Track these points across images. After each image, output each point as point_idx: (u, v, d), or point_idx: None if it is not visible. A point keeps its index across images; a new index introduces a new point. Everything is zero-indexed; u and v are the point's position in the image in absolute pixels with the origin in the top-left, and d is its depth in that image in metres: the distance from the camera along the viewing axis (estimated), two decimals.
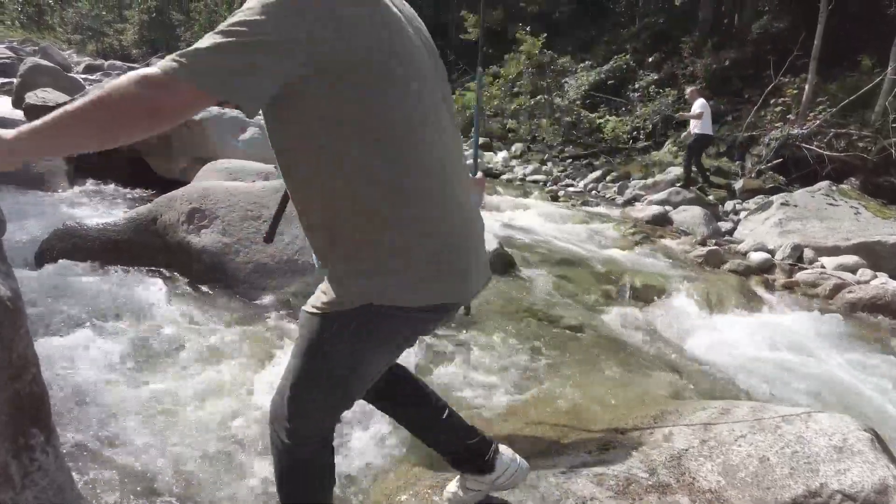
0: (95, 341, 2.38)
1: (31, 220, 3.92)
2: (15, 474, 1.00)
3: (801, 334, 3.76)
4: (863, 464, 1.52)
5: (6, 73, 14.74)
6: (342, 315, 1.03)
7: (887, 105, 7.82)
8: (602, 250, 5.42)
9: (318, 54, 0.87)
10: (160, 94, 0.80)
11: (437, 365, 2.70)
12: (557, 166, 10.36)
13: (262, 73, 0.84)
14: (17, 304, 1.07)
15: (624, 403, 2.44)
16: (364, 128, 0.93)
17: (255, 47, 0.83)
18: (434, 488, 1.73)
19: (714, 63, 11.02)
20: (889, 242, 5.40)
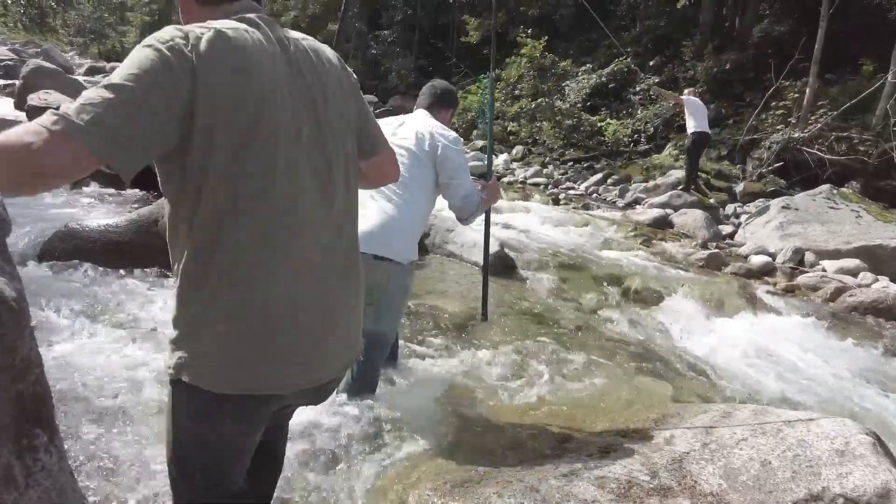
0: (97, 342, 2.38)
1: (33, 222, 3.93)
2: (18, 475, 1.00)
3: (803, 338, 3.75)
4: (865, 467, 1.52)
5: (9, 75, 14.79)
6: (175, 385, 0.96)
7: (888, 109, 7.83)
8: (603, 253, 5.42)
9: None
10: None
11: (437, 367, 2.70)
12: (558, 169, 10.37)
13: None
14: (22, 306, 1.07)
15: (625, 406, 2.44)
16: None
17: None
18: (436, 491, 1.73)
19: (715, 66, 11.04)
20: (890, 246, 5.40)
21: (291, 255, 0.94)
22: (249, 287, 0.90)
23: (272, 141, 0.90)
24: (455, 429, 2.19)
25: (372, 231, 1.83)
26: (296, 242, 0.94)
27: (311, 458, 1.92)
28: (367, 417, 2.17)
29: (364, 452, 1.99)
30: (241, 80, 0.87)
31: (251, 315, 0.91)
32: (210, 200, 0.87)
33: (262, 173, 0.89)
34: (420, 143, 2.01)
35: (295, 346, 0.96)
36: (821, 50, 8.51)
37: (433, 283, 3.87)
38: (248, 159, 0.88)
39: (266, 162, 0.90)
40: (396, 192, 1.94)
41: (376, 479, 1.86)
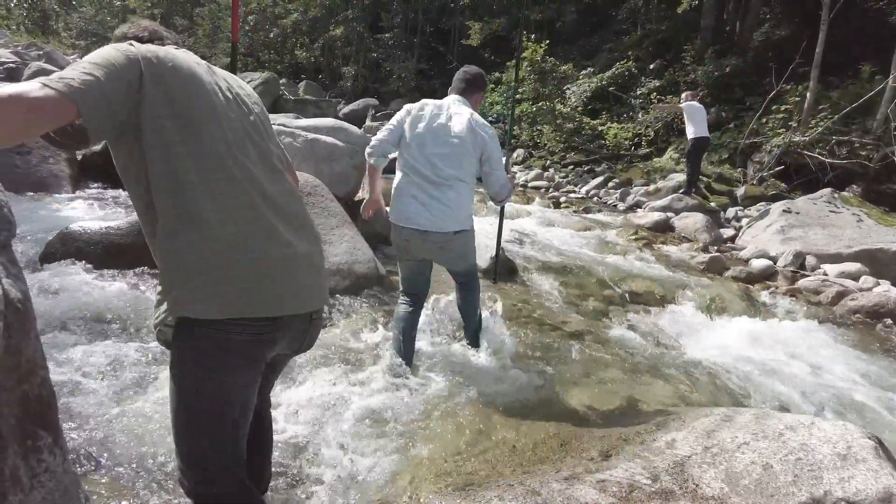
0: (99, 344, 2.39)
1: (35, 224, 3.94)
2: (24, 476, 1.00)
3: (804, 341, 3.75)
4: (867, 471, 1.52)
5: (11, 78, 14.83)
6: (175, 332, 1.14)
7: (889, 113, 7.84)
8: (604, 256, 5.43)
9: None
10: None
11: (437, 369, 2.70)
12: (559, 172, 10.38)
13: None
14: (27, 307, 1.07)
15: (626, 410, 2.44)
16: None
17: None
18: (437, 494, 1.73)
19: (716, 70, 11.06)
20: (891, 250, 5.39)
21: (255, 210, 1.16)
22: (227, 235, 1.11)
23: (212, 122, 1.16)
24: (456, 432, 2.19)
25: (450, 215, 2.43)
26: (253, 201, 1.16)
27: (310, 461, 1.92)
28: (368, 420, 2.17)
29: (365, 456, 1.99)
30: (175, 73, 1.13)
31: (234, 254, 1.11)
32: (169, 169, 1.10)
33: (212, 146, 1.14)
34: (471, 139, 2.43)
35: (273, 273, 1.15)
36: (821, 54, 8.53)
37: (435, 285, 3.87)
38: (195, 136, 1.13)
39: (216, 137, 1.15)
40: (458, 181, 2.44)
41: (377, 483, 1.86)
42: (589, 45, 15.30)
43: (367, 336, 2.94)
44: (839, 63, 9.70)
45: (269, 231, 1.16)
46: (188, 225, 1.08)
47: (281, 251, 1.16)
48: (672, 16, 13.83)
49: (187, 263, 1.09)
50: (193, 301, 1.09)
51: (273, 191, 1.21)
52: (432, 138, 2.41)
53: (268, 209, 1.17)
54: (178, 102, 1.11)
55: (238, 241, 1.11)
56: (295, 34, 20.86)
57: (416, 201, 2.40)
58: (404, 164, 2.45)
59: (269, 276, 1.14)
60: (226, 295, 1.09)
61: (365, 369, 2.60)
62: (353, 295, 3.41)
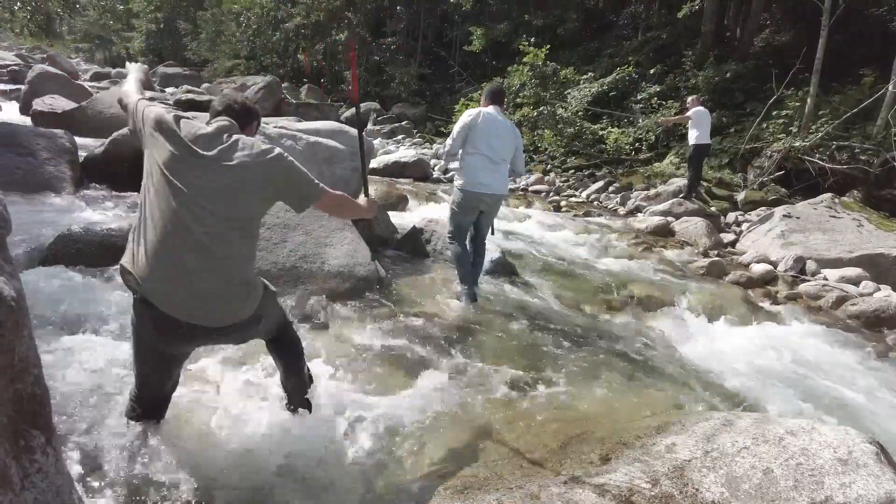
0: (98, 345, 2.38)
1: (36, 224, 3.94)
2: (14, 476, 0.99)
3: (804, 346, 3.74)
4: (868, 477, 1.51)
5: (15, 80, 14.90)
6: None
7: (889, 118, 7.84)
8: (604, 260, 5.42)
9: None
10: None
11: (437, 372, 2.69)
12: (560, 177, 10.38)
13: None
14: (21, 305, 1.07)
15: (626, 413, 2.43)
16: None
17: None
18: (436, 497, 1.71)
19: (716, 76, 11.07)
20: (892, 255, 5.38)
21: (167, 247, 1.58)
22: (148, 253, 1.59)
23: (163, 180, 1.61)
24: (455, 435, 2.18)
25: (502, 184, 3.69)
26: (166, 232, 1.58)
27: (308, 465, 1.91)
28: (367, 423, 2.16)
29: (364, 459, 1.98)
30: (160, 137, 1.63)
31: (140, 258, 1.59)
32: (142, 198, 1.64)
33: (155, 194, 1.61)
34: (513, 135, 3.70)
35: (164, 287, 1.57)
36: (822, 59, 8.54)
37: (434, 289, 3.86)
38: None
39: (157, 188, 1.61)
40: (504, 161, 3.67)
41: (376, 486, 1.84)
42: (590, 51, 15.33)
43: (366, 338, 2.93)
44: (840, 68, 9.71)
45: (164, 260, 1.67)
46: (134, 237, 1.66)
47: (177, 275, 1.61)
48: (673, 21, 13.87)
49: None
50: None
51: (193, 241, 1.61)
52: (495, 133, 3.59)
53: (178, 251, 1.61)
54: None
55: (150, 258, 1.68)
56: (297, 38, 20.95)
57: (489, 174, 3.59)
58: (478, 149, 3.57)
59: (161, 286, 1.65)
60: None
61: (364, 371, 2.59)
62: (353, 297, 3.41)
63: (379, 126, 14.88)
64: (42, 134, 5.49)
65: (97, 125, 7.50)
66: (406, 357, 2.79)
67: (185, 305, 1.57)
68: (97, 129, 7.31)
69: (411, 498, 1.78)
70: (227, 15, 23.51)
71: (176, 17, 29.47)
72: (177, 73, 22.37)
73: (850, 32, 10.28)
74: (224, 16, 23.85)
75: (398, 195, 6.63)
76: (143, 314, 1.60)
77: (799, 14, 11.83)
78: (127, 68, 1.95)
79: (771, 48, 12.50)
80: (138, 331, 1.66)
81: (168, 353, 1.71)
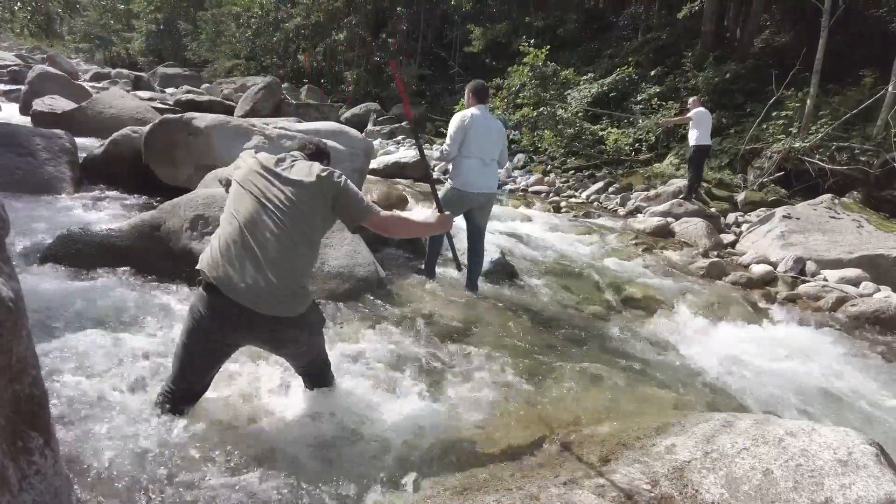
0: (97, 347, 2.38)
1: (36, 225, 3.94)
2: (12, 477, 0.99)
3: (804, 347, 3.73)
4: (868, 478, 1.50)
5: (15, 81, 14.90)
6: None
7: (889, 119, 7.84)
8: (604, 261, 5.42)
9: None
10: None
11: (436, 373, 2.69)
12: (560, 177, 10.38)
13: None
14: (19, 306, 1.06)
15: (625, 414, 2.43)
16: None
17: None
18: (435, 498, 1.71)
19: (716, 76, 11.07)
20: (892, 256, 5.38)
21: (244, 245, 1.86)
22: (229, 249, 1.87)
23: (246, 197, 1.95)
24: (454, 436, 2.18)
25: (493, 182, 3.92)
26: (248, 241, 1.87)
27: (308, 465, 1.91)
28: (367, 424, 2.15)
29: (362, 459, 1.98)
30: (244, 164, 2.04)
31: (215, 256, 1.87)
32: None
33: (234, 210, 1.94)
34: (501, 136, 3.93)
35: (231, 275, 1.81)
36: (822, 60, 8.54)
37: (433, 290, 3.86)
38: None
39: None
40: (493, 161, 3.89)
41: (375, 487, 1.84)
42: (590, 51, 15.33)
43: (366, 338, 2.93)
44: (840, 69, 9.71)
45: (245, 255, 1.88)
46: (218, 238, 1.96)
47: (254, 269, 1.85)
48: (672, 22, 13.87)
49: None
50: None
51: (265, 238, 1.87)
52: (485, 135, 3.78)
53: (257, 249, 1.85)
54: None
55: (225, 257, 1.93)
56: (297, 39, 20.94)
57: (482, 175, 3.81)
58: (471, 152, 3.76)
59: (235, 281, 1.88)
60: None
61: (363, 371, 2.58)
62: (353, 298, 3.40)
63: (379, 126, 14.86)
64: (42, 134, 5.49)
65: (97, 125, 7.51)
66: (405, 358, 2.79)
67: (248, 293, 1.78)
68: (97, 129, 7.32)
69: (408, 500, 1.78)
70: (227, 15, 23.51)
71: (176, 17, 29.46)
72: (177, 73, 22.37)
73: (850, 33, 10.29)
74: (224, 16, 23.85)
75: (398, 196, 6.63)
76: (208, 300, 1.82)
77: (799, 15, 11.84)
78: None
79: (771, 49, 12.50)
80: (197, 317, 1.85)
81: (220, 341, 1.89)
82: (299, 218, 1.88)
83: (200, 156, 5.23)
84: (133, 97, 9.44)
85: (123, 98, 8.57)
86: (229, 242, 1.84)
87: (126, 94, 9.30)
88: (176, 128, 5.26)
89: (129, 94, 9.65)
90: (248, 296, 1.79)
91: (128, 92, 11.15)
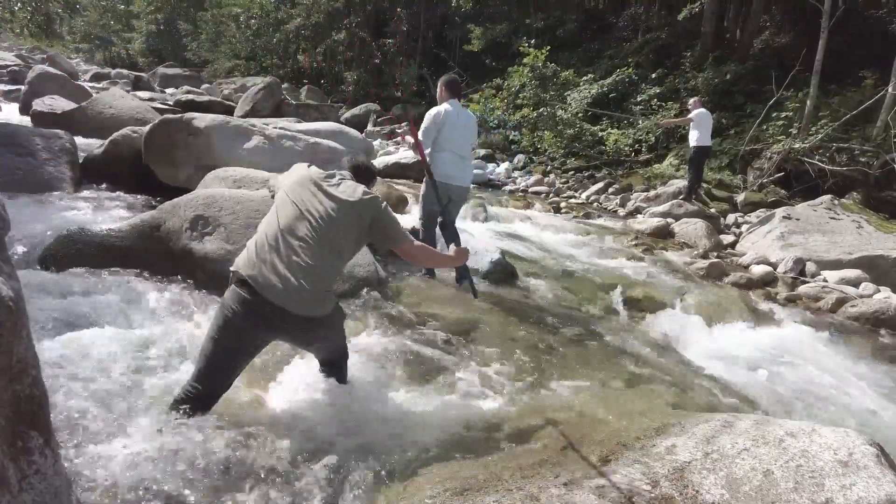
0: (97, 347, 2.37)
1: (36, 225, 3.93)
2: (12, 477, 0.99)
3: (804, 348, 3.74)
4: (868, 479, 1.50)
5: (15, 81, 14.89)
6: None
7: (889, 120, 7.84)
8: (604, 262, 5.41)
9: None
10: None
11: (436, 373, 2.69)
12: (560, 178, 10.38)
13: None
14: (20, 306, 1.06)
15: (625, 415, 2.43)
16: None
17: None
18: (435, 498, 1.71)
19: (716, 77, 11.08)
20: (891, 257, 5.38)
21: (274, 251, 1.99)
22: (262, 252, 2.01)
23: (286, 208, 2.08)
24: (454, 436, 2.18)
25: (468, 176, 4.21)
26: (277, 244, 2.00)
27: (308, 465, 1.91)
28: (367, 424, 2.15)
29: (362, 459, 1.97)
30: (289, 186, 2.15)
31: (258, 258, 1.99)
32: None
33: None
34: (474, 129, 4.21)
35: (266, 275, 1.93)
36: (821, 61, 8.55)
37: (434, 290, 3.86)
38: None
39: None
40: (468, 155, 4.16)
41: (375, 487, 1.84)
42: (589, 52, 15.33)
43: (365, 338, 2.93)
44: (839, 70, 9.71)
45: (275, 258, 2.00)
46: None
47: (281, 269, 1.97)
48: (672, 23, 13.88)
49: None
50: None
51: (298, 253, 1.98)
52: (460, 130, 3.97)
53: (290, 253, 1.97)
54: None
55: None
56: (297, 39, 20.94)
57: (458, 168, 3.99)
58: (446, 146, 3.93)
59: (268, 278, 1.96)
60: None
61: (363, 372, 2.58)
62: (353, 298, 3.40)
63: (378, 127, 14.86)
64: (42, 134, 5.48)
65: (97, 126, 7.50)
66: (405, 358, 2.79)
67: (281, 293, 1.89)
68: (97, 129, 7.31)
69: (408, 500, 1.77)
70: (228, 16, 23.50)
71: (176, 17, 29.46)
72: (177, 73, 22.37)
73: (849, 34, 10.29)
74: (224, 17, 23.85)
75: (398, 196, 6.63)
76: (242, 298, 1.91)
77: (799, 15, 11.85)
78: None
79: (771, 50, 12.50)
80: (229, 314, 1.93)
81: (251, 338, 1.98)
82: (335, 232, 2.02)
83: (200, 156, 5.23)
84: (133, 97, 9.43)
85: (123, 98, 8.57)
86: (267, 245, 1.97)
87: (126, 95, 9.29)
88: (176, 128, 5.26)
89: (128, 95, 9.64)
90: (281, 296, 1.89)
91: (128, 92, 11.14)
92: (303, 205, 2.03)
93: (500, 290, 4.17)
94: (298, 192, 2.07)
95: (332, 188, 2.08)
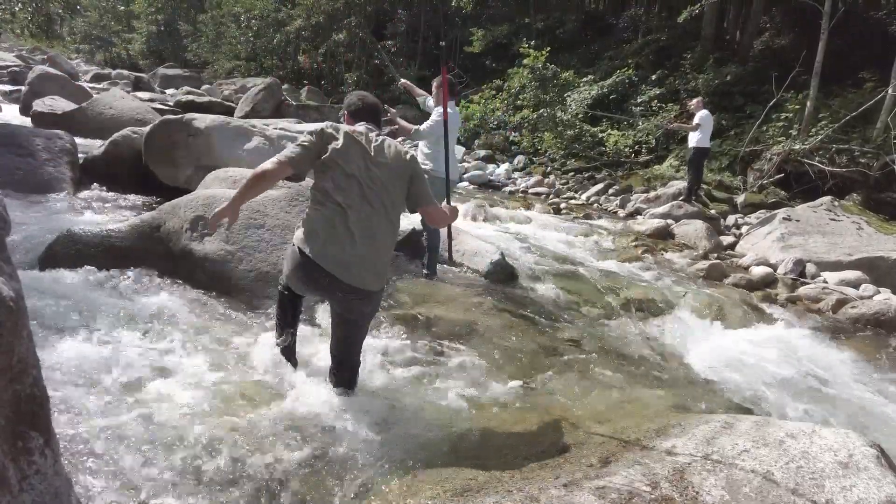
0: (97, 347, 2.37)
1: (36, 225, 3.93)
2: (12, 477, 0.99)
3: (804, 349, 3.73)
4: (869, 480, 1.50)
5: (15, 81, 14.90)
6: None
7: (889, 121, 7.84)
8: (604, 263, 5.42)
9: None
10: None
11: (436, 374, 2.69)
12: (560, 179, 10.38)
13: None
14: (20, 306, 1.06)
15: (626, 416, 2.42)
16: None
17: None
18: (435, 499, 1.71)
19: (716, 78, 11.09)
20: (891, 258, 5.38)
21: (346, 224, 2.09)
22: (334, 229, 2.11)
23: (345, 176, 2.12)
24: (455, 437, 2.17)
25: (457, 170, 4.47)
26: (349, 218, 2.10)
27: (310, 465, 1.91)
28: (367, 425, 2.15)
29: (363, 460, 1.97)
30: (337, 146, 2.12)
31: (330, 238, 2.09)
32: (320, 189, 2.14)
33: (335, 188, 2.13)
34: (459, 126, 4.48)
35: (344, 260, 2.06)
36: (821, 62, 8.55)
37: (434, 291, 3.86)
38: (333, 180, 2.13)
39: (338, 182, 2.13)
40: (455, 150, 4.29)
41: (375, 488, 1.84)
42: (590, 53, 15.34)
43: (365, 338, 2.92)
44: (839, 71, 9.72)
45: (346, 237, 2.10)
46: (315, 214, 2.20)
47: (356, 250, 2.10)
48: (672, 24, 13.88)
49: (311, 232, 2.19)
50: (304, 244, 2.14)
51: (364, 223, 2.11)
52: (454, 129, 4.12)
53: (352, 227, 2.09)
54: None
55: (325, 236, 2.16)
56: (297, 40, 20.96)
57: (454, 164, 4.04)
58: (444, 145, 3.80)
59: (333, 255, 2.09)
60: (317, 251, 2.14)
61: (362, 372, 2.58)
62: None
63: None
64: (42, 135, 5.49)
65: (97, 126, 7.51)
66: (404, 359, 2.79)
67: (338, 265, 2.04)
68: (97, 130, 7.32)
69: (408, 501, 1.77)
70: (228, 17, 23.51)
71: (176, 18, 29.47)
72: (177, 74, 22.39)
73: (849, 35, 10.29)
74: (224, 17, 23.86)
75: None
76: (301, 260, 2.08)
77: (799, 17, 11.85)
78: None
79: (770, 51, 12.51)
80: (298, 261, 2.11)
81: (307, 284, 2.19)
82: (389, 197, 2.13)
83: (200, 156, 5.24)
84: (133, 98, 9.44)
85: (123, 99, 8.58)
86: (328, 218, 2.07)
87: (126, 95, 9.30)
88: (176, 128, 5.26)
89: (129, 95, 9.65)
90: (337, 267, 2.03)
91: (128, 93, 11.15)
92: (360, 174, 2.09)
93: (501, 290, 4.16)
94: (353, 161, 2.10)
95: (378, 154, 2.15)
